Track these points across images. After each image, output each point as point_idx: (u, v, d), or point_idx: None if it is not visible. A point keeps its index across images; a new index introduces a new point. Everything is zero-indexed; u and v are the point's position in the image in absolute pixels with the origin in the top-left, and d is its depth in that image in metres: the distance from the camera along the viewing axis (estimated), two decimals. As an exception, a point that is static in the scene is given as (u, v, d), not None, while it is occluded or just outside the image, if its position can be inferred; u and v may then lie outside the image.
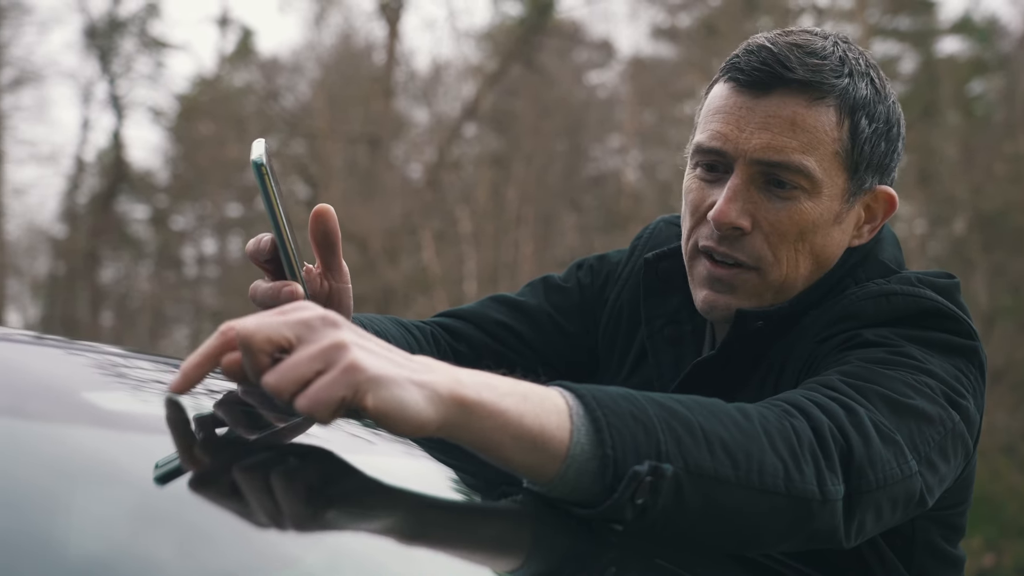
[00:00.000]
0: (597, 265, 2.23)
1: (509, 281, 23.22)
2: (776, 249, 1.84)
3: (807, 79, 1.80)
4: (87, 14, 29.78)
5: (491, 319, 2.16)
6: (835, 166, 1.82)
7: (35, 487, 1.06)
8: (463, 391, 1.21)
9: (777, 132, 1.80)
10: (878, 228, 1.94)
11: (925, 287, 1.82)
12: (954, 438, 1.67)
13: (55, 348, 1.66)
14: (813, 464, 1.44)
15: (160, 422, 1.25)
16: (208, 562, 1.04)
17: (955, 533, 1.94)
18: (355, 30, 28.62)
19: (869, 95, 1.84)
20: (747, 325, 1.86)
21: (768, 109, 1.81)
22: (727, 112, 1.84)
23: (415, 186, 25.66)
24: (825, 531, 1.48)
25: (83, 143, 30.90)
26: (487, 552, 1.28)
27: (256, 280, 1.63)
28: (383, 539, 1.19)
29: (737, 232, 1.84)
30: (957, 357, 1.75)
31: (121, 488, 1.13)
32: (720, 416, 1.41)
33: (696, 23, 26.59)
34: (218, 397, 1.42)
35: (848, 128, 1.82)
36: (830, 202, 1.83)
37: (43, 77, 29.11)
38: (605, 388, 1.36)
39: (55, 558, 0.96)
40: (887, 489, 1.53)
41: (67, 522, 1.02)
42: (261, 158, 1.49)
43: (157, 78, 31.19)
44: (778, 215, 1.82)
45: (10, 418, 1.19)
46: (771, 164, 1.80)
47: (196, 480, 1.16)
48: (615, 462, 1.30)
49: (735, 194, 1.82)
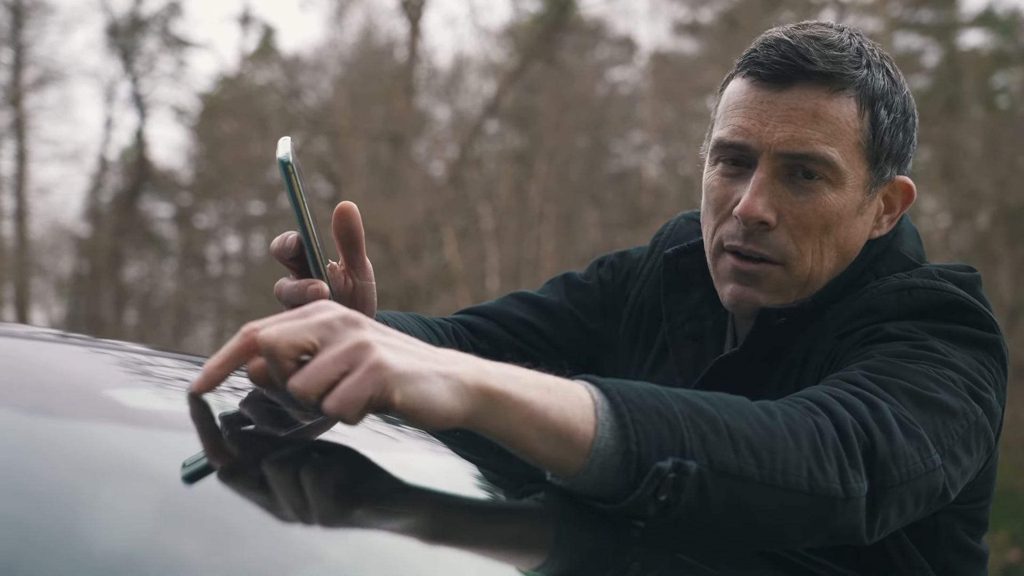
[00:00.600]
0: (618, 262, 2.23)
1: (531, 277, 23.22)
2: (801, 243, 1.84)
3: (828, 71, 1.80)
4: (109, 13, 29.96)
5: (513, 316, 2.17)
6: (857, 157, 1.83)
7: (60, 484, 1.07)
8: (489, 382, 1.21)
9: (800, 124, 1.80)
10: (897, 218, 1.94)
11: (946, 280, 1.82)
12: (977, 431, 1.66)
13: (80, 346, 1.67)
14: (836, 462, 1.44)
15: (184, 419, 1.26)
16: (234, 558, 1.04)
17: (979, 527, 1.94)
18: (376, 27, 28.66)
19: (886, 86, 1.84)
20: (770, 321, 1.86)
21: (790, 102, 1.81)
22: (748, 106, 1.84)
23: (437, 183, 25.67)
24: (847, 528, 1.48)
25: (106, 142, 30.96)
26: (510, 549, 1.28)
27: (281, 278, 1.63)
28: (407, 536, 1.19)
29: (763, 227, 1.84)
30: (979, 350, 1.75)
31: (145, 485, 1.14)
32: (745, 414, 1.40)
33: (717, 18, 26.56)
34: (243, 395, 1.43)
35: (869, 119, 1.82)
36: (853, 193, 1.84)
37: (66, 76, 29.22)
38: (630, 383, 1.35)
39: (79, 555, 0.96)
40: (911, 484, 1.52)
41: (92, 519, 1.03)
42: (287, 156, 1.50)
43: (180, 77, 31.30)
44: (803, 208, 1.82)
45: (36, 416, 1.20)
46: (796, 156, 1.80)
47: (222, 477, 1.17)
48: (639, 458, 1.30)
49: (760, 188, 1.82)
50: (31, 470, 1.08)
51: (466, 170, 25.74)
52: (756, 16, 22.28)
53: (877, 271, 1.90)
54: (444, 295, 23.57)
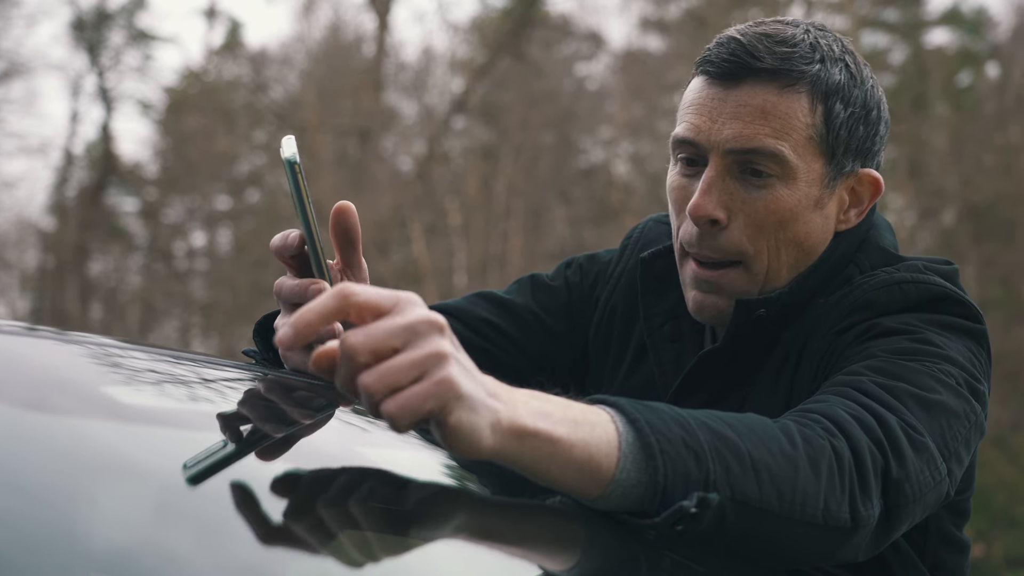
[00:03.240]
0: (587, 264, 2.22)
1: (499, 273, 23.25)
2: (755, 240, 1.84)
3: (775, 67, 1.80)
4: (75, 6, 29.74)
5: (476, 316, 2.15)
6: (810, 152, 1.83)
7: (45, 479, 1.06)
8: (522, 421, 1.22)
9: (748, 121, 1.80)
10: (865, 212, 1.93)
11: (932, 274, 1.84)
12: (975, 428, 1.70)
13: (50, 339, 1.65)
14: (849, 491, 1.47)
15: (171, 414, 1.26)
16: (226, 557, 1.04)
17: (963, 518, 1.97)
18: (344, 22, 28.64)
19: (843, 80, 1.84)
20: (748, 313, 1.86)
21: (739, 99, 1.82)
22: (700, 104, 1.85)
23: (405, 179, 25.64)
24: (853, 553, 1.54)
25: (72, 136, 30.70)
26: (508, 551, 1.29)
27: (280, 278, 1.63)
28: (403, 536, 1.20)
29: (715, 226, 1.84)
30: (969, 340, 1.78)
31: (139, 481, 1.13)
32: (768, 442, 1.43)
33: (685, 15, 26.61)
34: (243, 394, 1.43)
35: (822, 113, 1.82)
36: (807, 188, 1.84)
37: (31, 70, 29.07)
38: (657, 410, 1.37)
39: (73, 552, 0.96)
40: (923, 499, 1.57)
41: (79, 515, 1.02)
42: (294, 156, 1.51)
43: (146, 71, 31.14)
44: (755, 204, 1.83)
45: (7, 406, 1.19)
46: (744, 152, 1.81)
47: (223, 478, 1.17)
48: (664, 489, 1.33)
49: (710, 186, 1.83)
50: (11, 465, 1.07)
51: (433, 166, 25.74)
52: (724, 13, 22.34)
53: (860, 265, 1.90)
54: (411, 290, 23.51)
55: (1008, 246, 22.02)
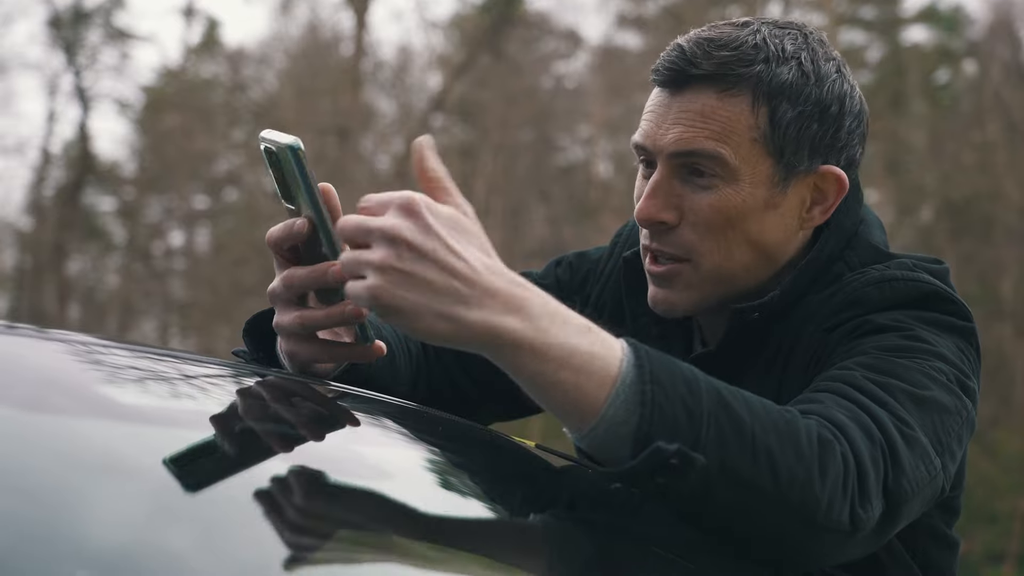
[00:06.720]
0: (576, 262, 2.23)
1: (478, 272, 23.17)
2: (704, 239, 1.85)
3: (712, 72, 1.81)
4: (52, 5, 29.55)
5: None
6: (755, 153, 1.83)
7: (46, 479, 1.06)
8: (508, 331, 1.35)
9: (688, 125, 1.82)
10: (832, 209, 1.92)
11: (922, 272, 1.84)
12: (967, 425, 1.73)
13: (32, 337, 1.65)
14: (850, 497, 1.50)
15: (160, 412, 1.26)
16: (225, 557, 1.03)
17: (953, 516, 1.99)
18: (322, 21, 28.61)
19: (791, 79, 1.83)
20: (744, 319, 1.87)
21: (681, 104, 1.84)
22: (650, 111, 1.88)
23: (384, 178, 25.62)
24: (852, 554, 1.59)
25: (49, 135, 30.58)
26: (517, 555, 1.29)
27: (273, 282, 1.64)
28: (406, 539, 1.19)
29: (664, 227, 1.86)
30: (959, 338, 1.79)
31: (130, 480, 1.12)
32: (780, 429, 1.46)
33: (662, 12, 26.66)
34: (235, 392, 1.44)
35: (766, 114, 1.82)
36: (752, 188, 1.84)
37: (8, 69, 29.04)
38: (671, 364, 1.43)
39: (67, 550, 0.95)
40: (919, 495, 1.60)
41: (71, 515, 1.02)
42: (297, 142, 1.53)
43: (123, 70, 31.03)
44: (700, 204, 1.84)
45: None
46: (684, 154, 1.82)
47: (219, 477, 1.17)
48: (647, 437, 1.37)
49: (655, 190, 1.85)
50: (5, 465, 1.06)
51: (412, 164, 25.68)
52: (701, 10, 22.39)
53: (849, 262, 1.90)
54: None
55: (986, 243, 22.13)
